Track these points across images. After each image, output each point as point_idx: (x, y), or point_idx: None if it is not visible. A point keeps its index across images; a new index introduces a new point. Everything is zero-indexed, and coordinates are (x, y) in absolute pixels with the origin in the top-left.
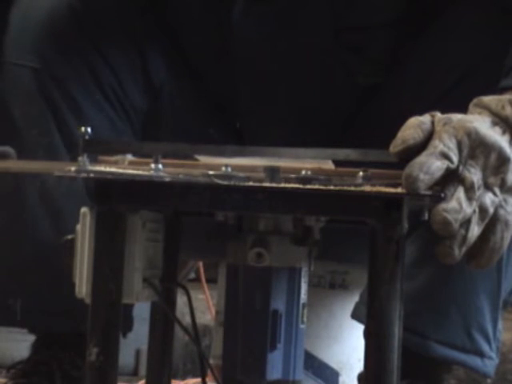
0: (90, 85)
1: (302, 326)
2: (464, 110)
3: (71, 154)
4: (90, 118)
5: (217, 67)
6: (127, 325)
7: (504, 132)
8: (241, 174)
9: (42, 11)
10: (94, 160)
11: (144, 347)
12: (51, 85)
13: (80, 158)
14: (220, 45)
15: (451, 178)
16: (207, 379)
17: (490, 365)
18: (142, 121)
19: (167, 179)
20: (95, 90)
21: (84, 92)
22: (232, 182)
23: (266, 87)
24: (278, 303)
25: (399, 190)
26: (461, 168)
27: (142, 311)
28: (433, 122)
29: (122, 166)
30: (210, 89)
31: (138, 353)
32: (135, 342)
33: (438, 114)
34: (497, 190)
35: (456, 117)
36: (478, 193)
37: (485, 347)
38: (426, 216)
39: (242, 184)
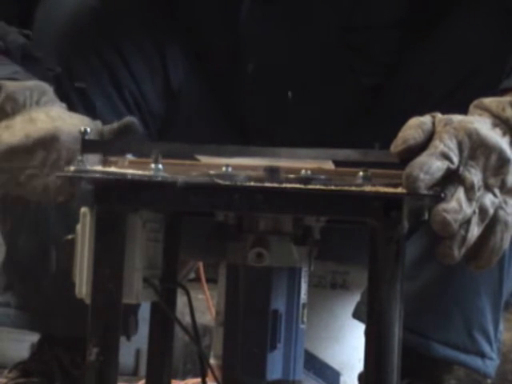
0: (109, 88)
1: (302, 326)
2: (466, 111)
3: None
4: (107, 121)
5: (226, 67)
6: (132, 328)
7: (504, 133)
8: (241, 174)
9: (63, 13)
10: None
11: (144, 347)
12: (70, 87)
13: (80, 158)
14: (230, 45)
15: (451, 178)
16: (207, 379)
17: (490, 365)
18: (158, 124)
19: (167, 179)
20: (113, 94)
21: (102, 95)
22: (232, 182)
23: (271, 87)
24: (278, 303)
25: (399, 189)
26: (461, 168)
27: (142, 311)
28: (433, 123)
29: (122, 166)
30: (221, 90)
31: (138, 353)
32: (135, 342)
33: (439, 115)
34: (497, 191)
35: (457, 118)
36: (478, 193)
37: (486, 348)
38: (426, 216)
39: (242, 184)
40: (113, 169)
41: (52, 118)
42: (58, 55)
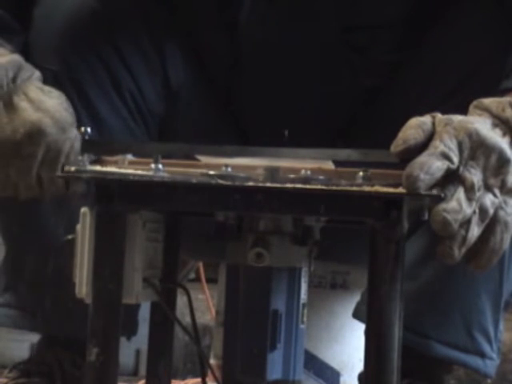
0: (108, 88)
1: (302, 326)
2: (466, 111)
3: None
4: (107, 122)
5: (225, 67)
6: (132, 328)
7: (504, 134)
8: (241, 174)
9: (62, 14)
10: (95, 160)
11: (144, 347)
12: (69, 87)
13: (80, 158)
14: (230, 45)
15: (451, 178)
16: (207, 379)
17: (490, 365)
18: (158, 124)
19: (167, 179)
20: (113, 94)
21: (102, 95)
22: (232, 182)
23: (271, 86)
24: (278, 303)
25: (399, 189)
26: (461, 169)
27: (142, 311)
28: (433, 123)
29: (122, 166)
30: (220, 89)
31: (138, 353)
32: (135, 342)
33: (439, 115)
34: (497, 191)
35: (457, 118)
36: (478, 194)
37: (486, 348)
38: (426, 216)
39: (242, 184)
40: (113, 169)
41: (33, 102)
42: (57, 55)
